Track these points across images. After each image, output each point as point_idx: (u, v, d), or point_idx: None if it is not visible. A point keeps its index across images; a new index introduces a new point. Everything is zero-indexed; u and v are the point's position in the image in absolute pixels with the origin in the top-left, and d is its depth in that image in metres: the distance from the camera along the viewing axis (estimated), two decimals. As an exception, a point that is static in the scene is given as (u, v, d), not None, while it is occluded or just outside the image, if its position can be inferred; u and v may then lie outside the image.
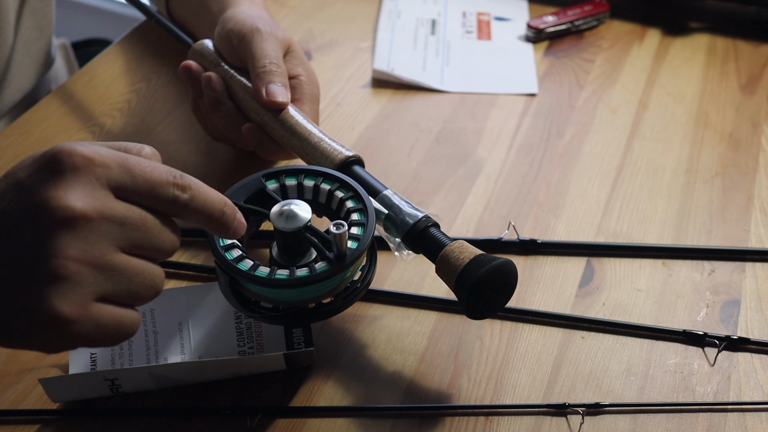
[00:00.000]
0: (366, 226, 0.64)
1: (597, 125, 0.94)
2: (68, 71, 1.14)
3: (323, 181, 0.68)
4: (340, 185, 0.67)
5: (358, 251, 0.62)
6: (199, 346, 0.67)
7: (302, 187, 0.68)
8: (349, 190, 0.67)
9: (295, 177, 0.68)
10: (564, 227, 0.81)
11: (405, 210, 0.67)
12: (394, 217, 0.67)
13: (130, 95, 0.95)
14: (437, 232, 0.66)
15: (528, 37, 1.07)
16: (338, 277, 0.63)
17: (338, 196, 0.67)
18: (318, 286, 0.62)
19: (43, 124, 0.90)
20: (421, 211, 0.67)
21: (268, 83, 0.75)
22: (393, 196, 0.68)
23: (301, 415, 0.65)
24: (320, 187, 0.67)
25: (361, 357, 0.69)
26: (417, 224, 0.66)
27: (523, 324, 0.72)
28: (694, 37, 1.08)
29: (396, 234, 0.67)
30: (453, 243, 0.64)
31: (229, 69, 0.80)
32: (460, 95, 0.98)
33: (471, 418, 0.65)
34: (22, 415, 0.64)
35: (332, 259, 0.62)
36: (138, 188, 0.51)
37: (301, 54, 0.82)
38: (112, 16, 2.04)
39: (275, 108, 0.75)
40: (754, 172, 0.88)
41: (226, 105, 0.78)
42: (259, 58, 0.76)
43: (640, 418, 0.66)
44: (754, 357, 0.70)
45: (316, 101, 0.80)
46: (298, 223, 0.62)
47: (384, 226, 0.68)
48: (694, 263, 0.78)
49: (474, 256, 0.62)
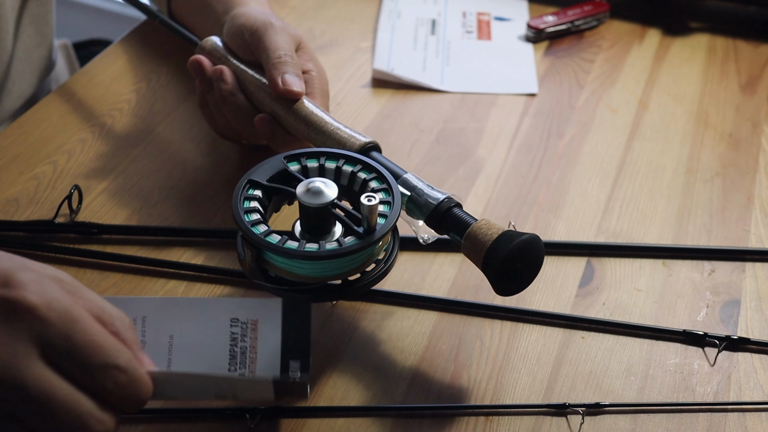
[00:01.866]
0: (392, 204, 0.64)
1: (597, 125, 0.94)
2: (69, 72, 1.14)
3: (345, 163, 0.68)
4: (362, 167, 0.67)
5: (387, 226, 0.63)
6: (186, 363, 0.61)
7: (324, 169, 0.68)
8: (372, 171, 0.67)
9: (317, 159, 0.68)
10: (564, 227, 0.81)
11: (427, 192, 0.67)
12: (417, 198, 0.67)
13: (130, 95, 0.95)
14: (461, 212, 0.66)
15: (528, 37, 1.07)
16: (367, 252, 0.63)
17: (361, 177, 0.67)
18: (346, 260, 0.62)
19: (43, 124, 0.90)
20: (443, 192, 0.67)
21: (283, 73, 0.76)
22: (414, 179, 0.68)
23: (301, 415, 0.65)
24: (342, 169, 0.68)
25: (361, 357, 0.69)
26: (441, 205, 0.66)
27: (523, 324, 0.72)
28: (694, 37, 1.08)
29: (419, 216, 0.67)
30: (480, 221, 0.64)
31: (240, 64, 0.81)
32: (460, 95, 0.98)
33: (471, 418, 0.65)
34: (22, 415, 0.64)
35: (361, 233, 0.62)
36: (72, 358, 0.47)
37: (311, 50, 0.83)
38: (112, 16, 2.04)
39: (291, 97, 0.76)
40: (754, 172, 0.88)
41: (237, 98, 0.79)
42: (274, 50, 0.77)
43: (640, 418, 0.66)
44: (754, 357, 0.70)
45: (326, 96, 0.81)
46: (325, 199, 0.63)
47: (406, 209, 0.68)
48: (694, 263, 0.78)
49: (502, 232, 0.63)
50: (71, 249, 0.76)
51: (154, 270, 0.76)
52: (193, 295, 0.73)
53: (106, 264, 0.76)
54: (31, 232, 0.78)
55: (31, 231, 0.78)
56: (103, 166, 0.86)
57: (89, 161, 0.86)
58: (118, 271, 0.75)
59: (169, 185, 0.84)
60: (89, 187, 0.83)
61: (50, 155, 0.86)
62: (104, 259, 0.76)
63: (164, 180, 0.84)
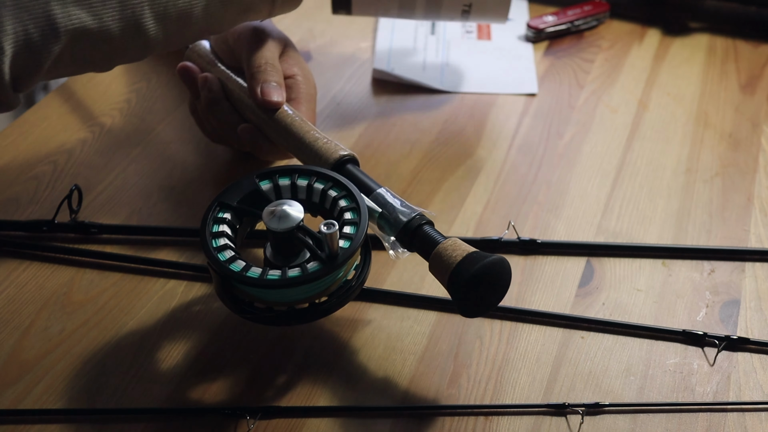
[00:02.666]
0: (359, 225, 0.64)
1: (597, 125, 0.94)
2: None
3: (317, 181, 0.67)
4: (333, 184, 0.67)
5: (350, 250, 0.62)
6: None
7: (296, 187, 0.67)
8: (342, 189, 0.67)
9: (289, 177, 0.68)
10: (564, 227, 0.81)
11: (398, 208, 0.66)
12: (388, 215, 0.66)
13: (130, 95, 0.95)
14: (431, 230, 0.65)
15: (528, 37, 1.07)
16: (330, 277, 0.62)
17: (331, 195, 0.66)
18: (310, 286, 0.62)
19: (43, 124, 0.90)
20: (415, 209, 0.66)
21: (263, 83, 0.75)
22: (386, 194, 0.68)
23: (301, 415, 0.65)
24: (313, 187, 0.67)
25: (360, 357, 0.69)
26: (410, 222, 0.65)
27: (522, 324, 0.72)
28: (694, 37, 1.08)
29: (390, 232, 0.67)
30: (446, 241, 0.64)
31: (225, 70, 0.80)
32: (460, 95, 0.98)
33: (471, 418, 0.65)
34: (22, 415, 0.64)
35: (324, 258, 0.62)
36: None
37: (297, 54, 0.82)
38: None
39: (270, 107, 0.75)
40: (754, 172, 0.88)
41: (222, 106, 0.78)
42: (254, 59, 0.77)
43: (640, 418, 0.66)
44: (754, 357, 0.71)
45: (312, 101, 0.80)
46: (290, 224, 0.62)
47: (378, 225, 0.67)
48: (694, 263, 0.78)
49: (467, 254, 0.62)
50: (71, 249, 0.76)
51: (153, 270, 0.76)
52: (192, 295, 0.74)
53: (105, 264, 0.76)
54: (31, 231, 0.78)
55: (31, 231, 0.78)
56: (103, 166, 0.86)
57: (89, 161, 0.86)
58: (118, 270, 0.75)
59: (169, 185, 0.84)
60: (89, 187, 0.83)
61: (50, 155, 0.86)
62: (104, 259, 0.76)
63: (164, 180, 0.84)
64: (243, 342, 0.70)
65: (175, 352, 0.69)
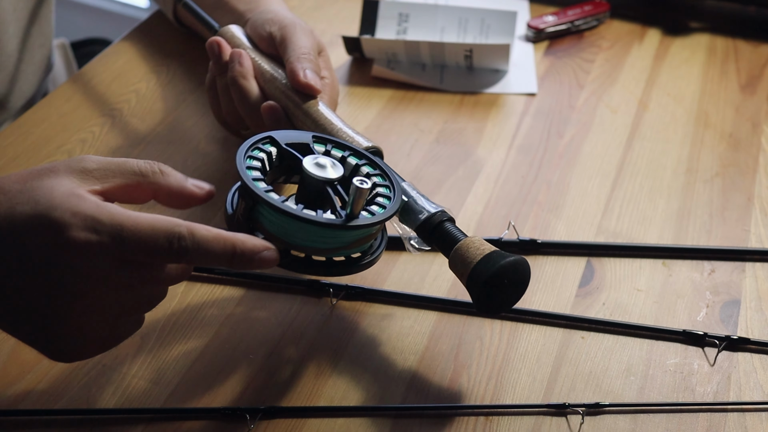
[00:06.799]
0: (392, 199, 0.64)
1: (597, 125, 0.94)
2: (67, 71, 1.14)
3: (366, 164, 0.68)
4: (380, 173, 0.67)
5: (369, 221, 0.62)
6: None
7: (344, 162, 0.68)
8: (385, 179, 0.67)
9: (342, 150, 0.68)
10: (564, 227, 0.81)
11: (422, 202, 0.67)
12: (413, 205, 0.67)
13: (131, 95, 0.95)
14: (452, 227, 0.66)
15: (528, 37, 1.07)
16: (339, 235, 0.62)
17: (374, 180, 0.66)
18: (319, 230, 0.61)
19: (43, 124, 0.90)
20: (438, 206, 0.67)
21: (305, 68, 0.77)
22: (411, 189, 0.68)
23: (301, 415, 0.65)
24: (360, 168, 0.67)
25: (361, 357, 0.69)
26: (433, 217, 0.66)
27: (523, 324, 0.72)
28: (694, 37, 1.08)
29: (411, 224, 0.67)
30: (467, 239, 0.64)
31: (257, 54, 0.82)
32: (460, 95, 0.98)
33: (471, 418, 0.65)
34: (22, 415, 0.64)
35: (343, 216, 0.61)
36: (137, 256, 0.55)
37: (329, 59, 0.85)
38: (112, 16, 2.04)
39: (309, 91, 0.77)
40: (754, 172, 0.88)
41: (249, 82, 0.80)
42: (300, 46, 0.79)
43: (640, 418, 0.66)
44: (754, 357, 0.70)
45: (334, 105, 0.82)
46: (327, 175, 0.63)
47: (399, 216, 0.68)
48: (694, 263, 0.78)
49: (487, 253, 0.63)
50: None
51: (154, 270, 0.76)
52: (192, 295, 0.73)
53: (105, 264, 0.76)
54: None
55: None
56: (103, 166, 0.85)
57: (89, 161, 0.86)
58: (118, 271, 0.75)
59: (169, 185, 0.84)
60: (89, 187, 0.83)
61: (50, 155, 0.86)
62: (104, 259, 0.76)
63: (164, 180, 0.84)
64: (243, 342, 0.70)
65: (175, 352, 0.69)
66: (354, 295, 0.74)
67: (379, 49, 0.99)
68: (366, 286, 0.74)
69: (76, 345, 0.58)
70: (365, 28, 1.02)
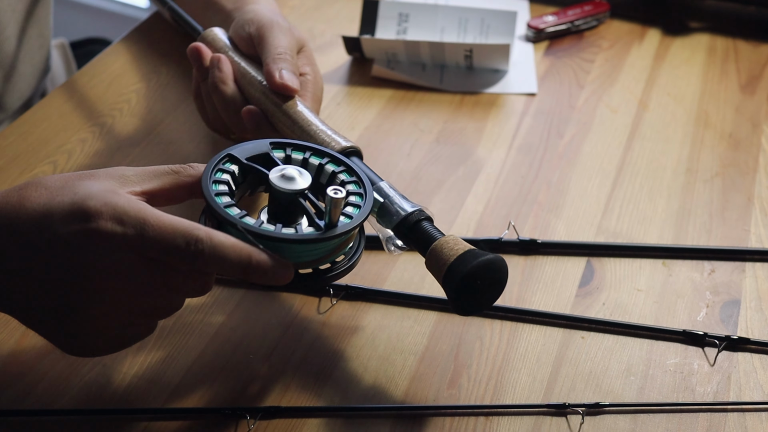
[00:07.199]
0: (362, 207, 0.63)
1: (597, 125, 0.94)
2: (66, 71, 1.14)
3: (329, 162, 0.67)
4: (345, 169, 0.67)
5: (349, 227, 0.61)
6: None
7: (307, 163, 0.67)
8: (352, 175, 0.66)
9: (302, 152, 0.67)
10: (564, 227, 0.81)
11: (398, 202, 0.67)
12: (389, 206, 0.66)
13: (130, 95, 0.95)
14: (429, 226, 0.65)
15: (528, 37, 1.07)
16: (322, 246, 0.61)
17: (340, 178, 0.66)
18: (301, 247, 0.60)
19: (43, 124, 0.90)
20: (415, 205, 0.66)
21: (281, 69, 0.77)
22: (388, 189, 0.68)
23: (301, 415, 0.65)
24: (324, 167, 0.67)
25: (361, 357, 0.69)
26: (409, 216, 0.65)
27: (523, 324, 0.72)
28: (694, 37, 1.08)
29: (388, 225, 0.67)
30: (444, 237, 0.64)
31: (237, 56, 0.81)
32: (460, 95, 0.98)
33: (471, 418, 0.65)
34: (22, 415, 0.64)
35: (321, 226, 0.61)
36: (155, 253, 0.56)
37: (312, 55, 0.83)
38: (112, 16, 2.04)
39: (285, 92, 0.76)
40: (754, 172, 0.88)
41: (228, 87, 0.79)
42: (276, 46, 0.78)
43: (640, 418, 0.66)
44: (754, 357, 0.70)
45: (318, 101, 0.81)
46: (297, 187, 0.62)
47: (377, 217, 0.67)
48: (694, 263, 0.78)
49: (463, 251, 0.62)
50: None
51: (154, 270, 0.76)
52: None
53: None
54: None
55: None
56: (103, 166, 0.85)
57: (89, 161, 0.86)
58: (118, 271, 0.75)
59: (169, 185, 0.84)
60: (89, 187, 0.83)
61: (50, 155, 0.86)
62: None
63: (164, 180, 0.84)
64: (243, 342, 0.70)
65: (175, 352, 0.69)
66: (354, 295, 0.74)
67: (379, 49, 0.99)
68: (366, 286, 0.74)
69: (86, 339, 0.59)
70: (365, 28, 1.02)
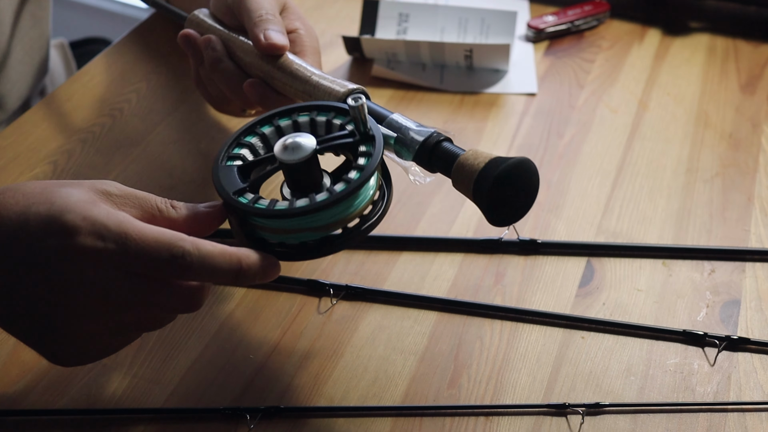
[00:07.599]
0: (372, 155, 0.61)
1: (597, 125, 0.94)
2: (66, 71, 1.14)
3: (318, 114, 0.65)
4: (336, 113, 0.64)
5: (362, 179, 0.59)
6: None
7: (298, 125, 0.65)
8: (347, 116, 0.64)
9: (288, 117, 0.65)
10: (564, 227, 0.81)
11: (413, 129, 0.64)
12: (404, 137, 0.64)
13: (130, 95, 0.95)
14: (450, 145, 0.63)
15: (528, 37, 1.07)
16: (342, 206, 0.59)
17: (336, 123, 0.64)
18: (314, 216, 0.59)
19: (43, 125, 0.90)
20: (430, 128, 0.64)
21: (265, 30, 0.74)
22: (400, 119, 0.65)
23: (301, 415, 0.65)
24: (317, 120, 0.65)
25: (361, 357, 0.69)
26: (428, 140, 0.63)
27: (523, 324, 0.72)
28: (694, 37, 1.08)
29: (408, 156, 0.64)
30: (467, 152, 0.61)
31: (226, 30, 0.79)
32: (460, 95, 0.98)
33: (471, 418, 0.65)
34: (22, 415, 0.64)
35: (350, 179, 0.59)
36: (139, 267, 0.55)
37: (297, 10, 0.81)
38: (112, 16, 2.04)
39: (274, 51, 0.74)
40: (754, 172, 0.88)
41: (226, 64, 0.77)
42: (255, 9, 0.76)
43: (640, 418, 0.66)
44: (754, 357, 0.71)
45: (317, 53, 0.78)
46: (306, 151, 0.60)
47: (395, 151, 0.65)
48: (694, 263, 0.78)
49: (490, 159, 0.60)
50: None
51: (154, 270, 0.76)
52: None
53: (106, 264, 0.76)
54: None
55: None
56: (103, 166, 0.86)
57: (89, 161, 0.86)
58: (118, 271, 0.75)
59: (169, 185, 0.84)
60: (89, 187, 0.83)
61: (50, 155, 0.86)
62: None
63: (164, 180, 0.84)
64: (243, 342, 0.70)
65: (175, 352, 0.69)
66: (354, 295, 0.74)
67: (379, 49, 0.99)
68: (366, 286, 0.74)
69: (73, 351, 0.58)
70: (365, 28, 1.02)
